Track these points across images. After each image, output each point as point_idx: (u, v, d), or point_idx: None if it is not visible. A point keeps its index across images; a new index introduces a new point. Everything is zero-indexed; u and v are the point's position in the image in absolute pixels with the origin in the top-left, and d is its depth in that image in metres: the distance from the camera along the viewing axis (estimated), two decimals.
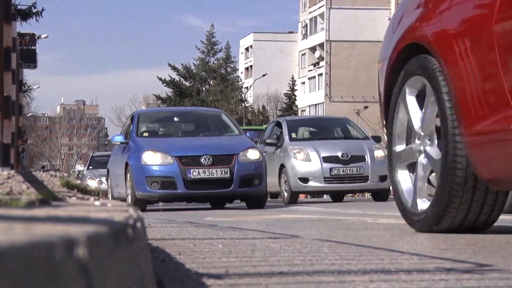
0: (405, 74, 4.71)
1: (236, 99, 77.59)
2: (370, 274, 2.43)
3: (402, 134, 4.87)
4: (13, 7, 9.33)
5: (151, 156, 13.08)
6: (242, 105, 76.31)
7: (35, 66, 29.05)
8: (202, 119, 15.21)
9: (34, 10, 33.25)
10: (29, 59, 27.78)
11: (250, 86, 79.60)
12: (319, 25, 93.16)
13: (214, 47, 78.77)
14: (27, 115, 76.89)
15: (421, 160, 4.63)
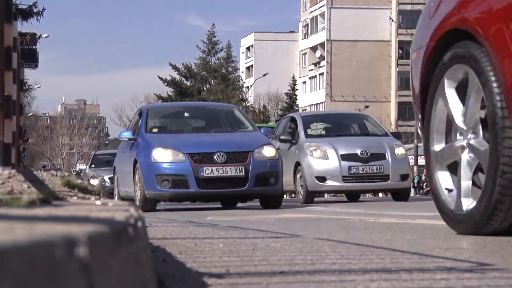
0: (445, 63, 4.32)
1: (237, 98, 77.51)
2: (371, 273, 2.43)
3: (441, 131, 4.49)
4: (14, 6, 9.32)
5: (162, 153, 12.41)
6: (243, 104, 76.25)
7: (36, 66, 29.08)
8: (213, 115, 14.44)
9: (35, 10, 33.25)
10: (30, 58, 27.81)
11: (251, 86, 79.57)
12: (320, 25, 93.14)
13: (215, 46, 78.70)
14: (28, 114, 76.90)
15: (465, 157, 4.25)
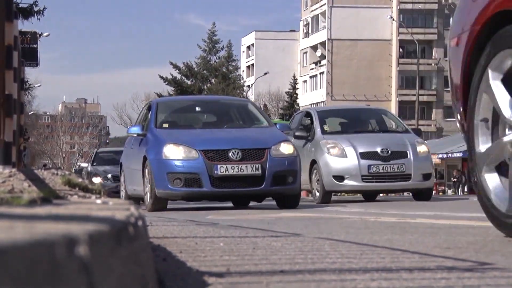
0: (490, 51, 3.98)
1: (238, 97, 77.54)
2: (371, 273, 2.43)
3: (486, 128, 4.15)
4: (15, 5, 9.32)
5: (173, 150, 11.69)
6: None
7: (36, 64, 29.05)
8: (227, 109, 13.58)
9: (35, 9, 33.28)
10: (31, 57, 27.78)
11: (252, 85, 79.54)
12: (321, 24, 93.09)
13: (216, 45, 78.64)
14: (29, 113, 76.86)
15: None
